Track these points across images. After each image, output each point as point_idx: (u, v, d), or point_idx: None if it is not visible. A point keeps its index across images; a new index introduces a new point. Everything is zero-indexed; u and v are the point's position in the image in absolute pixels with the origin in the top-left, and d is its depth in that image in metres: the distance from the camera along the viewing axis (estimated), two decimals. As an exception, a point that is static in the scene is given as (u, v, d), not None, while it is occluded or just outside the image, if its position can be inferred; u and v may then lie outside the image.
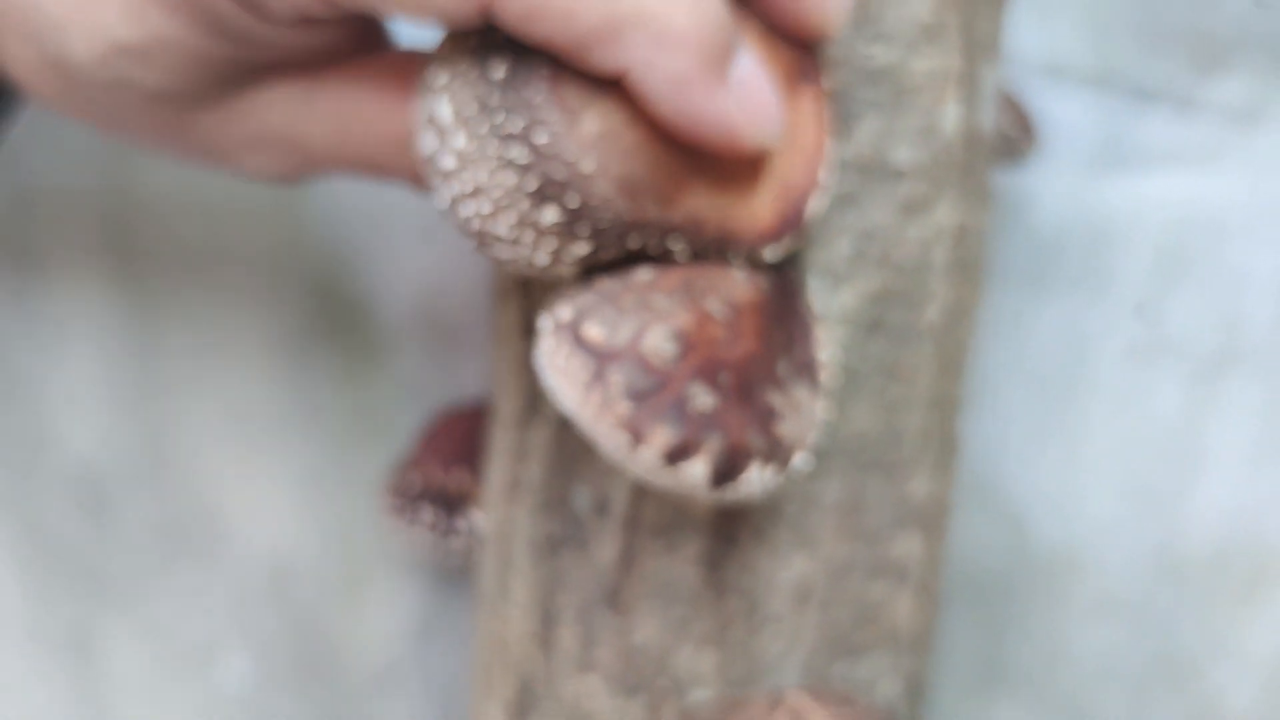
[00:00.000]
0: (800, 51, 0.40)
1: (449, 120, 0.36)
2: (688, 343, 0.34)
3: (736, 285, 0.37)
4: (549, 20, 0.33)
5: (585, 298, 0.36)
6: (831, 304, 0.45)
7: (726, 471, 0.34)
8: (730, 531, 0.46)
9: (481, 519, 0.58)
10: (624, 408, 0.33)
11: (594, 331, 0.34)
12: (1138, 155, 0.71)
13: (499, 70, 0.35)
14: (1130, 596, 0.85)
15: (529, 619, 0.50)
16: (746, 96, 0.36)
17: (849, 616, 0.48)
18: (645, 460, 0.33)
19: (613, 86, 0.35)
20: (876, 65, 0.45)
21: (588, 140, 0.34)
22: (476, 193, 0.35)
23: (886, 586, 0.49)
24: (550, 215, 0.35)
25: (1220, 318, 0.76)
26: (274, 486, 0.79)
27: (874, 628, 0.49)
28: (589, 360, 0.34)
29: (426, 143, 0.37)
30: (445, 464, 0.63)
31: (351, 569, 0.82)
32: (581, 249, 0.35)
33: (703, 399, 0.34)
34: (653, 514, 0.46)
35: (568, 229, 0.35)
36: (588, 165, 0.34)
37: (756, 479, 0.35)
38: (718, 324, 0.35)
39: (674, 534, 0.46)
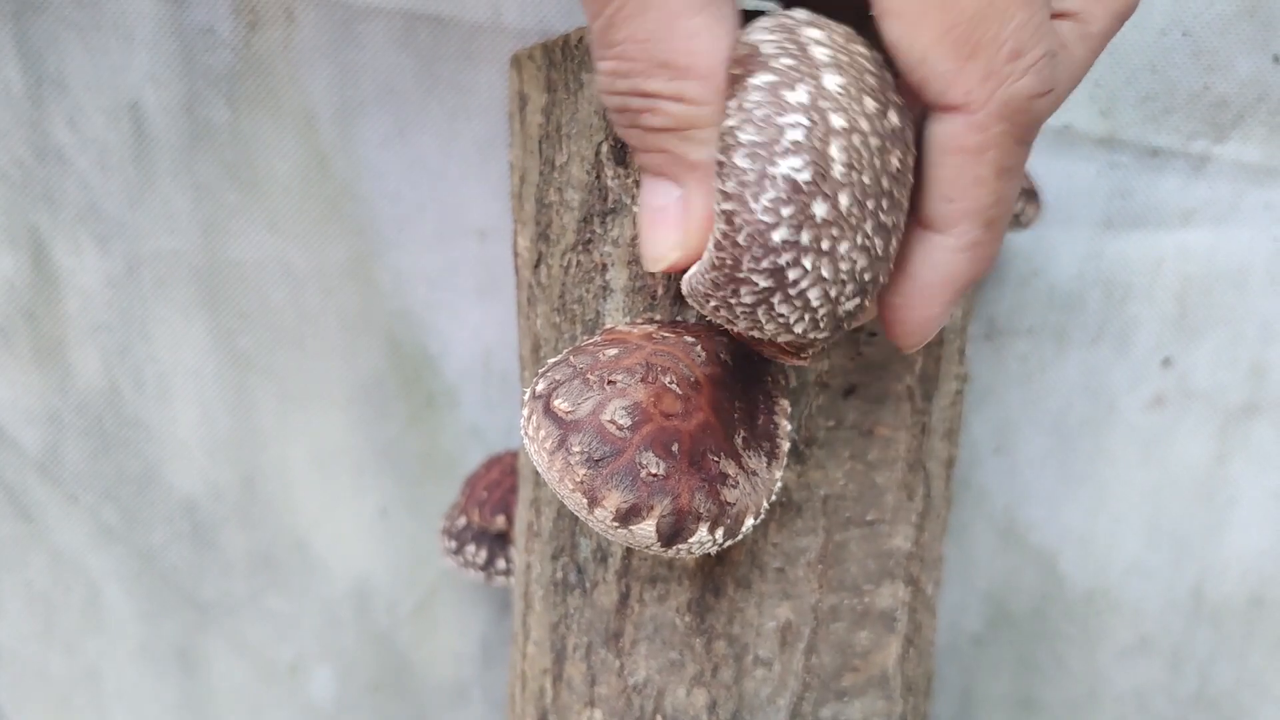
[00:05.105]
0: None
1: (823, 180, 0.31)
2: (642, 415, 0.34)
3: (695, 363, 0.37)
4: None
5: (558, 373, 0.37)
6: (808, 373, 0.44)
7: (674, 532, 0.34)
8: (717, 582, 0.45)
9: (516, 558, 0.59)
10: (582, 472, 0.34)
11: (560, 404, 0.35)
12: (1153, 212, 0.69)
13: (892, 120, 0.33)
14: (1166, 637, 0.81)
15: (543, 656, 0.51)
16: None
17: (836, 662, 0.48)
18: (601, 519, 0.34)
19: None
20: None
21: None
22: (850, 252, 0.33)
23: (873, 634, 0.48)
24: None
25: (1247, 367, 0.73)
26: (354, 521, 0.82)
27: (862, 673, 0.48)
28: (555, 429, 0.35)
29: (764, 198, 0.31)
30: (487, 509, 0.65)
31: (422, 595, 0.84)
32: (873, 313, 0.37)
33: (654, 466, 0.34)
34: (645, 564, 0.46)
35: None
36: None
37: (706, 539, 0.35)
38: (673, 398, 0.35)
39: (665, 583, 0.46)
